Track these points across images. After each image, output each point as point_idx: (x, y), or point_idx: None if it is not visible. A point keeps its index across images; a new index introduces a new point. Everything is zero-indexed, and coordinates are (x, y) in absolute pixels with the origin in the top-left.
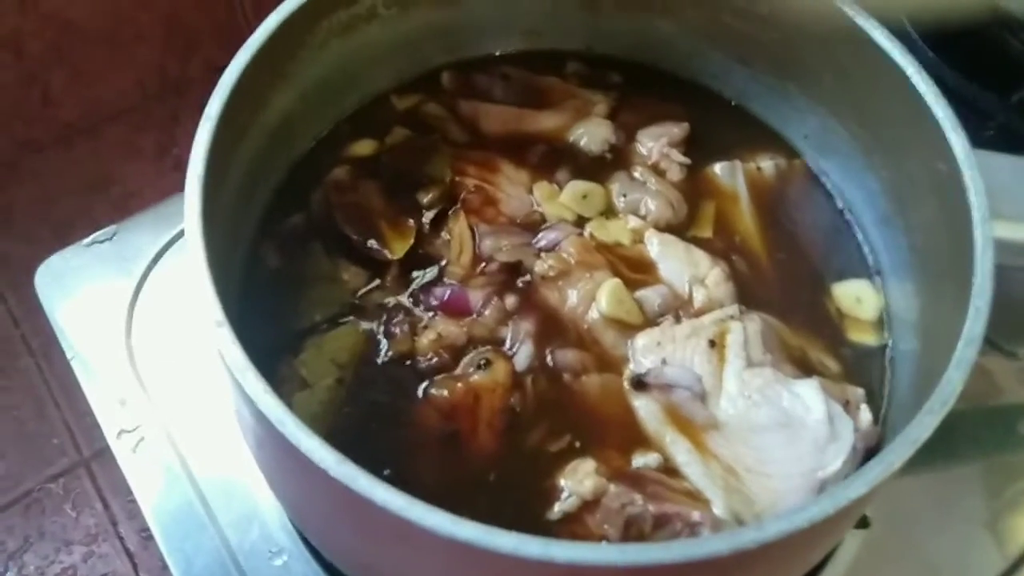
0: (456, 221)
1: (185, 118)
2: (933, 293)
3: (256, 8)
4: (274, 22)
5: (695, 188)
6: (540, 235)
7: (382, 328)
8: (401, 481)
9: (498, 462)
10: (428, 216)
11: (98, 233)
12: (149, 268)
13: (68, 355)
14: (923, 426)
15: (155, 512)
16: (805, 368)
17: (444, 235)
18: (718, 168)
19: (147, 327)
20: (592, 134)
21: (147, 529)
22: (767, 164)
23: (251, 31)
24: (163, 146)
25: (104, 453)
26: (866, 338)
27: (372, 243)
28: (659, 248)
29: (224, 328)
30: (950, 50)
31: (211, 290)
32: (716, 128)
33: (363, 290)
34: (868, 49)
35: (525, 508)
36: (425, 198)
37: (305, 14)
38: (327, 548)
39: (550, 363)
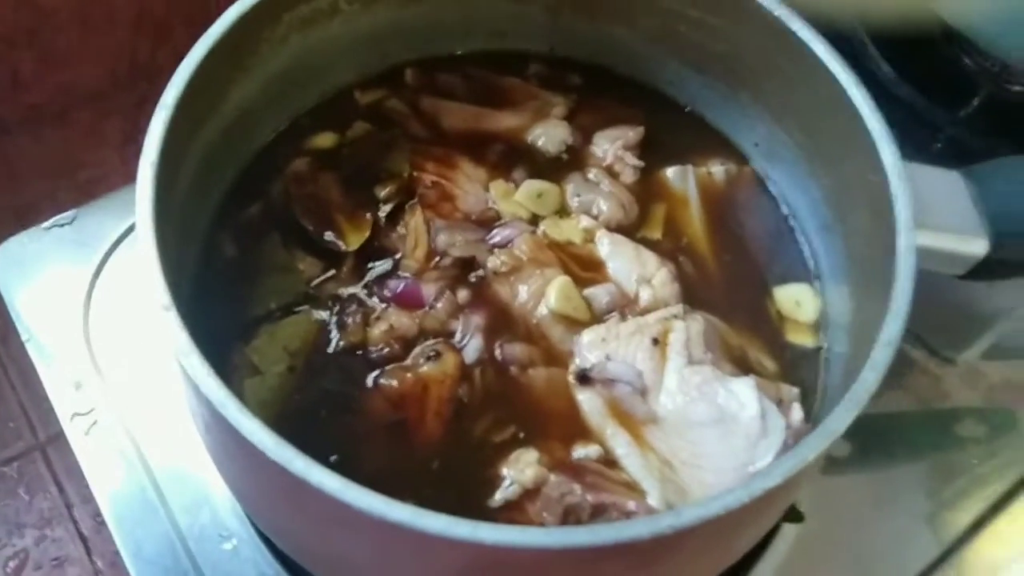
0: (412, 215)
1: (152, 105)
2: (865, 298)
3: None
4: (233, 14)
5: (647, 190)
6: (494, 232)
7: (335, 318)
8: (348, 467)
9: (443, 450)
10: (385, 210)
11: (58, 217)
12: (108, 253)
13: (23, 337)
14: (838, 421)
15: (107, 496)
16: (744, 367)
17: (400, 229)
18: (670, 172)
19: (104, 312)
20: (550, 135)
21: (101, 514)
22: (718, 169)
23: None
24: (129, 133)
25: (60, 438)
26: (803, 340)
27: (328, 235)
28: (609, 248)
29: (171, 312)
30: (906, 64)
31: (159, 274)
32: (670, 132)
33: (318, 280)
34: (809, 61)
35: (467, 495)
36: (382, 192)
37: (266, 8)
38: (271, 531)
39: (498, 356)
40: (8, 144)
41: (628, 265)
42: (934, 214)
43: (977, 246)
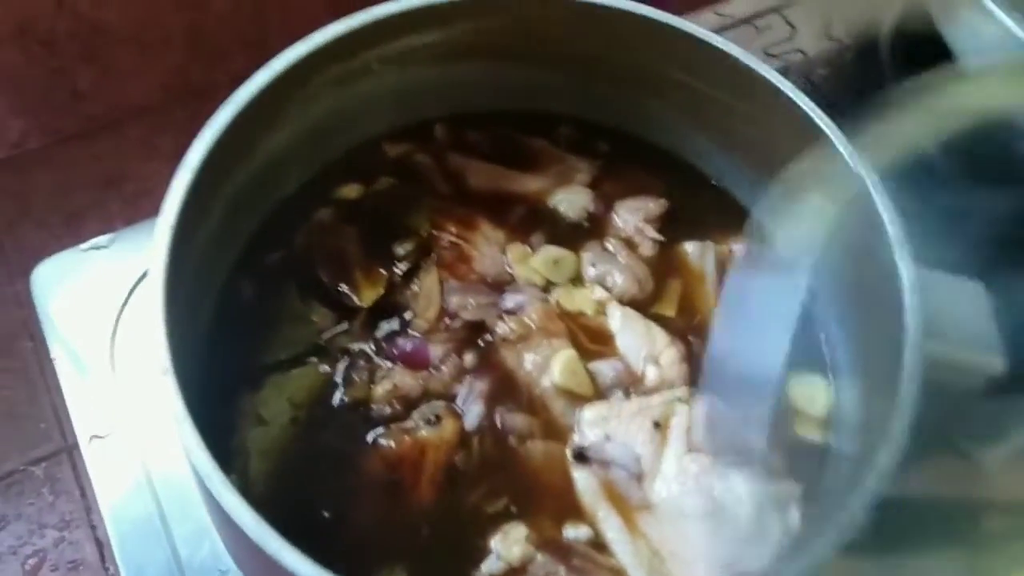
0: (427, 275)
1: (204, 122)
2: (877, 400)
3: (283, 24)
4: (261, 80)
5: (665, 264)
6: (506, 296)
7: (342, 372)
8: (339, 525)
9: (434, 516)
10: (401, 268)
11: (96, 239)
12: (139, 280)
13: (52, 355)
14: (820, 546)
15: (113, 518)
16: (747, 457)
17: (414, 287)
18: (689, 247)
19: (131, 337)
20: (571, 201)
21: None
22: (739, 248)
23: (275, 45)
24: (180, 148)
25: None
26: (811, 434)
27: (344, 288)
28: (620, 322)
29: (169, 377)
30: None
31: (163, 338)
32: (694, 205)
33: (329, 333)
34: (838, 160)
35: (453, 565)
36: (401, 249)
37: (295, 71)
38: None
39: (498, 424)
40: (63, 153)
41: (637, 341)
42: (951, 326)
43: (993, 363)
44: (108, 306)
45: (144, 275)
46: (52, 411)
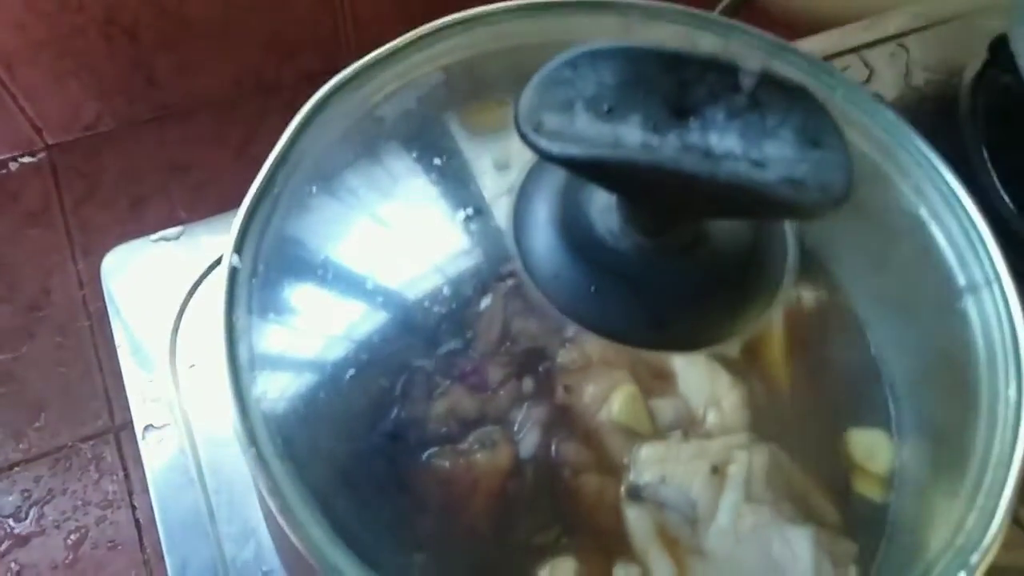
0: (493, 295)
1: (271, 118)
2: (946, 468)
3: (356, 27)
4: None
5: None
6: (569, 325)
7: (400, 386)
8: (383, 546)
9: (481, 543)
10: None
11: (166, 231)
12: (204, 274)
13: (116, 342)
14: None
15: (162, 508)
16: (805, 510)
17: (479, 307)
18: None
19: (194, 331)
20: None
21: None
22: (808, 295)
23: (351, 49)
24: (246, 140)
25: (132, 426)
26: (872, 492)
27: None
28: (683, 360)
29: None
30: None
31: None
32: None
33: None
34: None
35: None
36: None
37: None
38: None
39: (553, 454)
40: (133, 137)
41: (699, 382)
42: None
43: None
44: (173, 297)
45: (210, 268)
46: (104, 391)
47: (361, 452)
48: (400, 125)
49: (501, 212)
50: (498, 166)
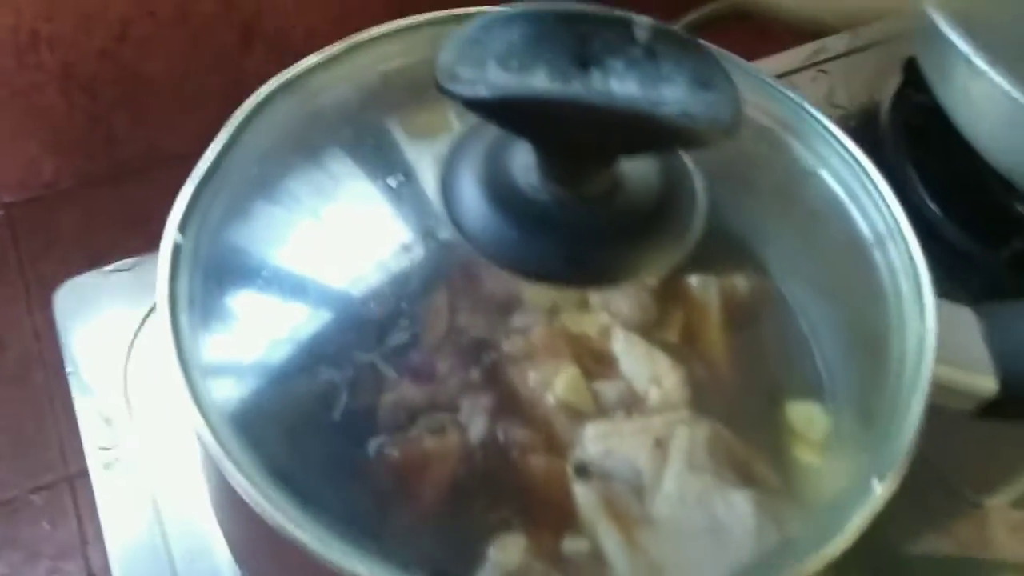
0: (438, 293)
1: None
2: (876, 425)
3: None
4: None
5: (668, 295)
6: (514, 317)
7: (348, 380)
8: (337, 528)
9: (433, 524)
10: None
11: (120, 263)
12: (153, 308)
13: (68, 369)
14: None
15: (114, 530)
16: (747, 477)
17: (426, 303)
18: (693, 280)
19: (145, 357)
20: None
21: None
22: (741, 283)
23: None
24: None
25: (88, 474)
26: (811, 458)
27: None
28: (624, 345)
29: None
30: (951, 202)
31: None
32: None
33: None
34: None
35: (451, 571)
36: None
37: None
38: None
39: (501, 438)
40: (91, 195)
41: (640, 364)
42: (944, 348)
43: (986, 383)
44: (126, 325)
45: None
46: (57, 440)
47: (308, 442)
48: (341, 126)
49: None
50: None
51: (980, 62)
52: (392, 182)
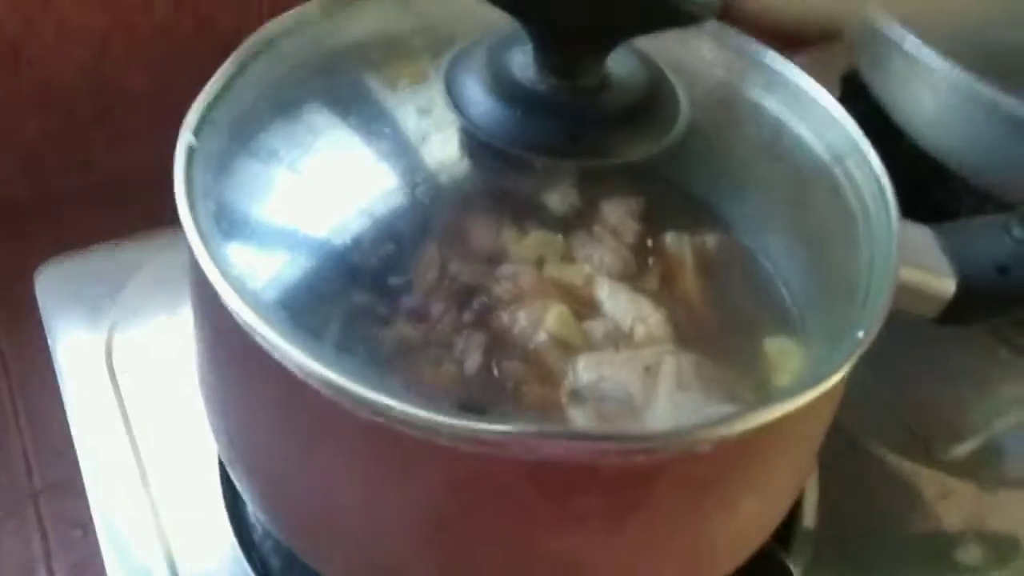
0: (428, 243)
1: None
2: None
3: None
4: None
5: (645, 250)
6: (502, 266)
7: (342, 321)
8: None
9: None
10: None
11: (101, 244)
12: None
13: (52, 353)
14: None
15: (106, 530)
16: (731, 399)
17: (417, 251)
18: (668, 237)
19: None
20: (560, 196)
21: (79, 564)
22: (711, 238)
23: None
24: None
25: (55, 487)
26: (789, 384)
27: None
28: (608, 291)
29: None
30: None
31: None
32: (668, 205)
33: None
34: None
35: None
36: None
37: None
38: (250, 478)
39: (495, 373)
40: (64, 215)
41: (624, 306)
42: (906, 255)
43: (946, 285)
44: (108, 309)
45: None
46: (22, 453)
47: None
48: (322, 82)
49: (429, 153)
50: (420, 112)
51: (919, 52)
52: (379, 134)
